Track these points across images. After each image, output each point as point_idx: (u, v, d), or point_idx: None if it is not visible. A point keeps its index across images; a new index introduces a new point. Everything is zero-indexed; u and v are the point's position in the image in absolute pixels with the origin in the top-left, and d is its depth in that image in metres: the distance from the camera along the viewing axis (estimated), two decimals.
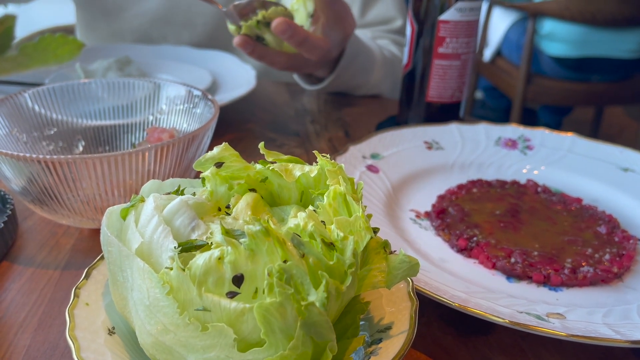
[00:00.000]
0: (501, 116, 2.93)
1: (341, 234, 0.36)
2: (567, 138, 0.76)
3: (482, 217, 0.62)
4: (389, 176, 0.69)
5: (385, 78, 1.05)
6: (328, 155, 0.42)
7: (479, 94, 3.15)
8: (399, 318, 0.40)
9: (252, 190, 0.43)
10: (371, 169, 0.70)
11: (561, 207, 0.65)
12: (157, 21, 1.19)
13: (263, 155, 0.42)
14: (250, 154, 0.82)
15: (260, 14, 0.78)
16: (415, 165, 0.72)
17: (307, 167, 0.42)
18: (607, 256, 0.56)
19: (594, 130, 2.67)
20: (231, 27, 0.82)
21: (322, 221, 0.38)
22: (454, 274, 0.53)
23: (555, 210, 0.65)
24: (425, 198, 0.67)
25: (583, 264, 0.55)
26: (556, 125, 2.77)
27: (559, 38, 2.17)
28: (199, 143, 0.57)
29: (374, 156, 0.72)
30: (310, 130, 0.90)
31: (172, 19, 1.19)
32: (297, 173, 0.42)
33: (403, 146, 0.75)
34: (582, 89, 2.20)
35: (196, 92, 0.65)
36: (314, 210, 0.39)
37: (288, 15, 0.79)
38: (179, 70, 1.00)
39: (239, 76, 0.98)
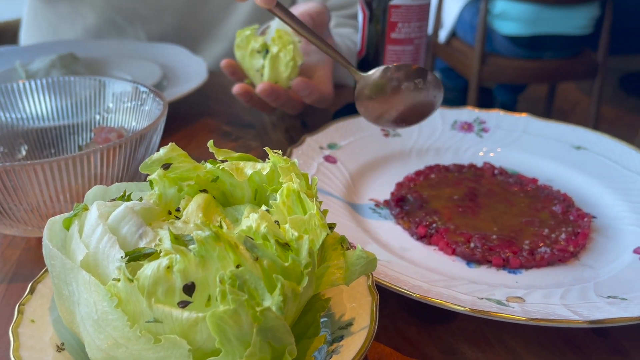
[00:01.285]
0: (459, 96, 2.96)
1: (296, 234, 0.35)
2: (522, 119, 0.77)
3: (440, 203, 0.62)
4: (347, 166, 0.68)
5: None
6: (280, 152, 0.41)
7: (436, 74, 3.18)
8: (360, 313, 0.39)
9: (203, 191, 0.41)
10: (329, 159, 0.69)
11: (518, 189, 0.66)
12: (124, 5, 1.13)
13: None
14: (204, 150, 0.79)
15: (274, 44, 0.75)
16: (373, 154, 0.72)
17: (259, 165, 0.41)
18: (563, 235, 0.57)
19: (549, 106, 2.72)
20: (238, 53, 0.79)
21: (275, 221, 0.37)
22: (415, 263, 0.53)
23: (512, 192, 0.65)
24: (384, 186, 0.67)
25: (540, 244, 0.55)
26: (512, 103, 2.82)
27: (511, 17, 2.20)
28: (148, 142, 0.55)
29: (331, 146, 0.71)
30: (266, 122, 0.88)
31: (139, 6, 1.13)
32: (249, 171, 0.40)
33: (360, 135, 0.74)
34: (536, 66, 2.24)
35: (143, 89, 0.62)
36: (267, 210, 0.38)
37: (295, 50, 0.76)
38: (129, 66, 0.96)
39: (191, 69, 0.95)
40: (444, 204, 0.62)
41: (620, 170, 0.67)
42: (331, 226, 0.40)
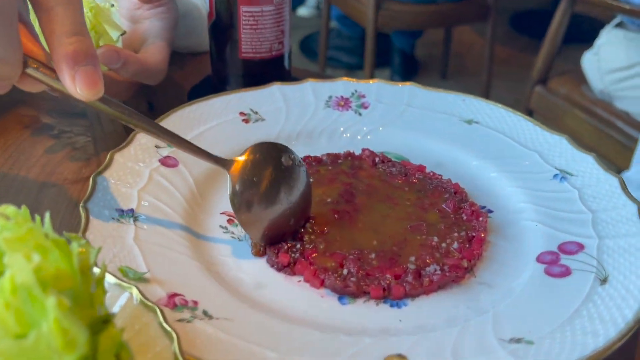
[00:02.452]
0: (357, 44, 2.85)
1: None
2: (405, 89, 0.65)
3: (312, 209, 0.50)
4: (192, 169, 0.53)
5: None
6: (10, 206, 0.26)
7: (333, 24, 3.04)
8: None
9: None
10: (167, 162, 0.53)
11: (402, 181, 0.54)
12: None
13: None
14: (17, 149, 0.62)
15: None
16: (228, 148, 0.57)
17: None
18: (455, 245, 0.46)
19: (446, 50, 2.69)
20: None
21: None
22: (270, 309, 0.40)
23: (396, 185, 0.54)
24: None
25: (428, 261, 0.44)
26: (410, 48, 2.76)
27: None
28: None
29: None
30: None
31: None
32: None
33: (212, 123, 0.59)
34: (431, 10, 2.19)
35: None
36: None
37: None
38: None
39: None
40: (315, 210, 0.50)
41: (517, 147, 0.57)
42: (107, 319, 0.26)
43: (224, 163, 0.47)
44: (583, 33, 1.87)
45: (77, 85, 0.39)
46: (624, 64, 1.42)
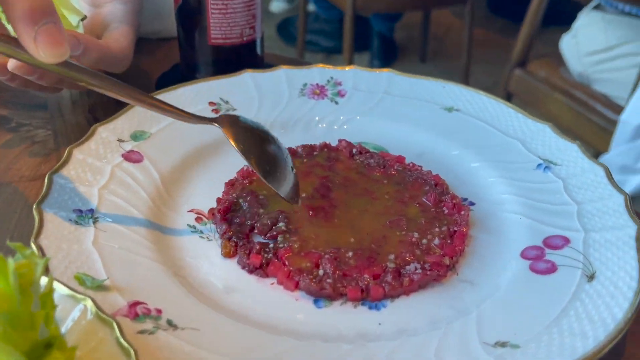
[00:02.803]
0: (336, 27, 2.81)
1: None
2: (383, 76, 0.62)
3: (286, 206, 0.47)
4: (158, 164, 0.50)
5: None
6: None
7: (311, 7, 2.98)
8: None
9: None
10: (131, 157, 0.50)
11: (381, 173, 0.52)
12: None
13: None
14: None
15: None
16: (197, 141, 0.54)
17: None
18: (436, 241, 0.44)
19: (424, 33, 2.66)
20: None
21: None
22: (240, 316, 0.38)
23: (374, 178, 0.51)
24: (210, 189, 0.50)
25: (408, 258, 0.42)
26: (389, 31, 2.73)
27: None
28: None
29: (135, 136, 0.52)
30: (64, 98, 0.66)
31: None
32: None
33: None
34: None
35: None
36: None
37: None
38: None
39: None
40: (290, 206, 0.47)
41: (499, 136, 0.55)
42: (50, 343, 0.23)
43: (212, 120, 0.46)
44: (561, 15, 1.85)
45: (39, 47, 0.36)
46: (602, 47, 1.41)
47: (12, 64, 0.47)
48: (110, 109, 0.63)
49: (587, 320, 0.36)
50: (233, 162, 0.52)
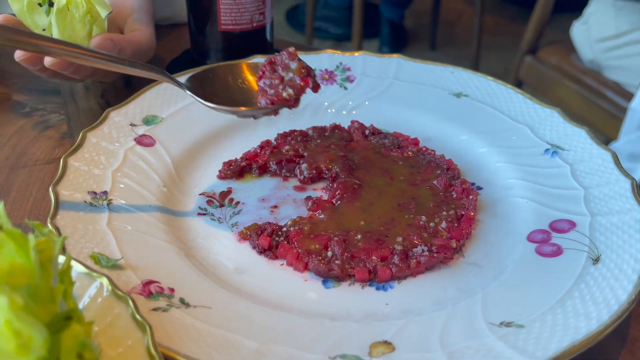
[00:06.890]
0: (346, 15, 2.79)
1: None
2: (392, 61, 0.62)
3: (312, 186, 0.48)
4: (170, 148, 0.51)
5: None
6: None
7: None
8: None
9: None
10: (143, 141, 0.51)
11: (397, 153, 0.52)
12: None
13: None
14: None
15: None
16: (208, 126, 0.55)
17: None
18: (444, 224, 0.44)
19: (435, 19, 2.64)
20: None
21: None
22: (250, 295, 0.39)
23: (392, 158, 0.52)
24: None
25: (416, 241, 0.43)
26: (399, 18, 2.71)
27: None
28: None
29: (147, 121, 0.53)
30: (76, 85, 0.67)
31: None
32: None
33: (188, 100, 0.57)
34: None
35: None
36: None
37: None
38: None
39: None
40: (319, 185, 0.48)
41: (507, 121, 0.55)
42: (69, 315, 0.24)
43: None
44: (572, 2, 1.83)
45: None
46: (613, 33, 1.40)
47: (48, 60, 0.51)
48: (121, 93, 0.64)
49: (591, 302, 0.36)
50: (243, 145, 0.53)
